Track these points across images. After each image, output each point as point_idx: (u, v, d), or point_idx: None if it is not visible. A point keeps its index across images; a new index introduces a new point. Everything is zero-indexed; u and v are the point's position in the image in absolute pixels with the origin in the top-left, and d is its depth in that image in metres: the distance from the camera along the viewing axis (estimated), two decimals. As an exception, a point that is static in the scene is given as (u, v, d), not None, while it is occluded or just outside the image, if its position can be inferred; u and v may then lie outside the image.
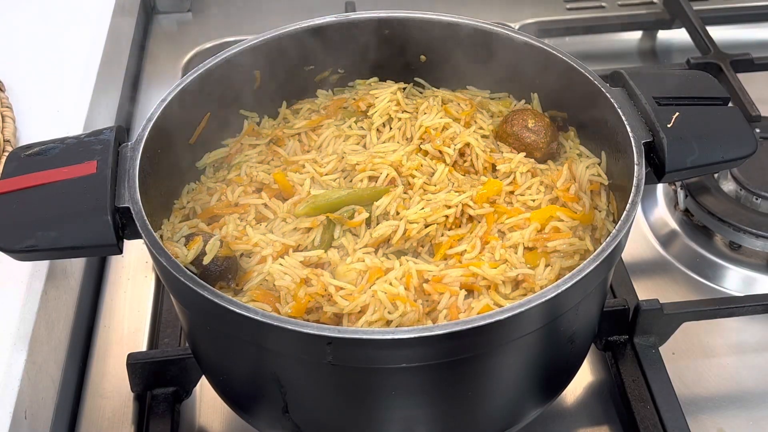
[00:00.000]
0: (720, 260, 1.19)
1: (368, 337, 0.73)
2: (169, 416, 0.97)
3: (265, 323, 0.73)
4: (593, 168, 0.97)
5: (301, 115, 1.06)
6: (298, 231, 0.91)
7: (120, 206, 0.82)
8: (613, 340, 1.04)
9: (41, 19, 1.38)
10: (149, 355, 1.00)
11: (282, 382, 0.81)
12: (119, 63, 1.45)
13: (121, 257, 1.17)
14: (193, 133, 0.99)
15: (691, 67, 1.43)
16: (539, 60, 1.00)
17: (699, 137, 0.89)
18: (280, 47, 1.02)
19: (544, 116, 1.02)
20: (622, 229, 0.80)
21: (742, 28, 1.65)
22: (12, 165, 0.87)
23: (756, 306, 1.04)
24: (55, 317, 0.99)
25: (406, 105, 1.03)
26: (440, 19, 1.04)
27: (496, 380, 0.83)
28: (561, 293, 0.75)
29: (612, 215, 0.95)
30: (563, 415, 1.02)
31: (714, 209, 1.19)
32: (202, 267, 0.85)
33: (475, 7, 1.64)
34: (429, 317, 0.84)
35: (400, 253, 0.90)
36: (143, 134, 0.88)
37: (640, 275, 1.17)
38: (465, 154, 0.99)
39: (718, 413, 1.02)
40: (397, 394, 0.80)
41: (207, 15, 1.70)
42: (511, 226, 0.91)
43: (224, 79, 0.99)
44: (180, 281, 0.76)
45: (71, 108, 1.20)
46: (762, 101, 1.35)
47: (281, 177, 0.96)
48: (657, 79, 0.96)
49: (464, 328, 0.72)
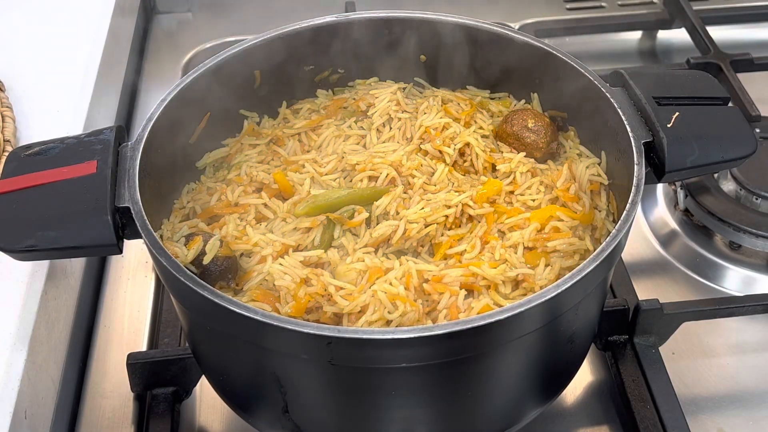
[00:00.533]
0: (720, 260, 1.19)
1: (368, 337, 0.73)
2: (169, 416, 0.97)
3: (265, 323, 0.73)
4: (593, 168, 0.97)
5: (301, 115, 1.06)
6: (298, 231, 0.91)
7: (120, 206, 0.82)
8: (613, 340, 1.04)
9: (41, 19, 1.38)
10: (149, 355, 1.00)
11: (282, 382, 0.81)
12: (119, 63, 1.45)
13: (121, 257, 1.17)
14: (193, 133, 0.99)
15: (691, 67, 1.42)
16: (539, 60, 1.01)
17: (699, 137, 0.89)
18: (280, 47, 1.02)
19: (544, 116, 1.02)
20: (622, 229, 0.80)
21: (742, 28, 1.65)
22: (12, 165, 0.87)
23: (756, 306, 1.04)
24: (55, 317, 0.99)
25: (406, 105, 1.03)
26: (440, 19, 1.04)
27: (495, 380, 0.83)
28: (561, 293, 0.75)
29: (612, 215, 0.94)
30: (563, 415, 1.02)
31: (714, 209, 1.19)
32: (202, 267, 0.85)
33: (475, 7, 1.64)
34: (429, 317, 0.84)
35: (400, 253, 0.90)
36: (143, 134, 0.88)
37: (640, 275, 1.17)
38: (465, 154, 0.99)
39: (718, 413, 1.02)
40: (397, 394, 0.80)
41: (207, 15, 1.70)
42: (511, 226, 0.91)
43: (224, 79, 0.99)
44: (180, 281, 0.76)
45: (71, 108, 1.20)
46: (762, 101, 1.35)
47: (281, 177, 0.95)
48: (657, 79, 0.96)
49: (464, 328, 0.72)
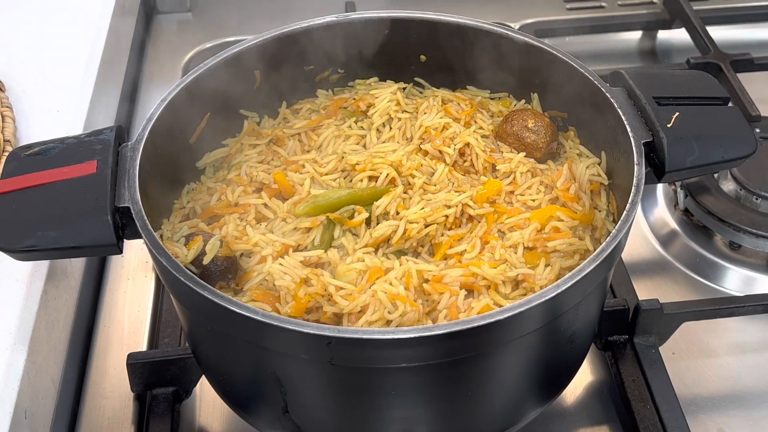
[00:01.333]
0: (720, 260, 1.19)
1: (368, 337, 0.73)
2: (169, 416, 0.97)
3: (265, 323, 0.73)
4: (593, 168, 0.97)
5: (301, 115, 1.06)
6: (298, 231, 0.91)
7: (120, 206, 0.82)
8: (613, 340, 1.04)
9: (41, 19, 1.38)
10: (149, 355, 1.00)
11: (282, 382, 0.81)
12: (119, 63, 1.45)
13: (121, 257, 1.17)
14: (193, 133, 0.99)
15: (691, 67, 1.42)
16: (539, 60, 1.01)
17: (699, 137, 0.89)
18: (280, 47, 1.02)
19: (544, 116, 1.02)
20: (622, 229, 0.79)
21: (742, 28, 1.65)
22: (12, 165, 0.87)
23: (756, 306, 1.04)
24: (55, 317, 0.99)
25: (406, 105, 1.03)
26: (440, 19, 1.04)
27: (496, 380, 0.83)
28: (561, 293, 0.75)
29: (612, 215, 0.94)
30: (563, 415, 1.02)
31: (714, 209, 1.19)
32: (202, 267, 0.85)
33: (475, 7, 1.65)
34: (429, 317, 0.84)
35: (400, 253, 0.90)
36: (143, 134, 0.88)
37: (640, 275, 1.17)
38: (465, 154, 0.99)
39: (718, 413, 1.02)
40: (397, 394, 0.80)
41: (207, 15, 1.70)
42: (511, 226, 0.91)
43: (224, 78, 0.99)
44: (180, 281, 0.76)
45: (71, 108, 1.20)
46: (762, 101, 1.35)
47: (281, 177, 0.95)
48: (657, 79, 0.96)
49: (464, 328, 0.72)
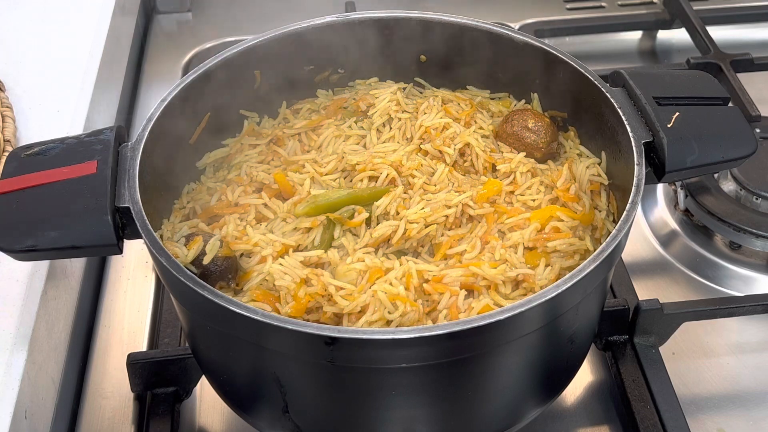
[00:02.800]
0: (720, 260, 1.19)
1: (368, 337, 0.73)
2: (169, 416, 0.97)
3: (265, 323, 0.73)
4: (593, 168, 0.97)
5: (301, 115, 1.06)
6: (298, 231, 0.91)
7: (120, 206, 0.82)
8: (613, 340, 1.04)
9: (41, 19, 1.38)
10: (149, 355, 1.00)
11: (282, 382, 0.81)
12: (119, 63, 1.45)
13: (121, 257, 1.17)
14: (193, 133, 0.99)
15: (691, 67, 1.42)
16: (539, 60, 1.01)
17: (699, 137, 0.89)
18: (280, 47, 1.02)
19: (544, 116, 1.02)
20: (622, 229, 0.80)
21: (742, 28, 1.65)
22: (12, 165, 0.87)
23: (756, 306, 1.04)
24: (55, 317, 0.99)
25: (406, 105, 1.03)
26: (440, 19, 1.04)
27: (496, 380, 0.83)
28: (561, 293, 0.75)
29: (612, 215, 0.94)
30: (563, 415, 1.02)
31: (714, 209, 1.19)
32: (202, 267, 0.85)
33: (475, 7, 1.65)
34: (429, 317, 0.84)
35: (400, 253, 0.90)
36: (143, 134, 0.88)
37: (640, 275, 1.17)
38: (465, 154, 0.99)
39: (718, 413, 1.02)
40: (397, 394, 0.80)
41: (207, 15, 1.70)
42: (511, 226, 0.91)
43: (224, 79, 0.99)
44: (180, 281, 0.76)
45: (71, 108, 1.20)
46: (762, 101, 1.35)
47: (281, 177, 0.95)
48: (657, 79, 0.96)
49: (464, 328, 0.72)
